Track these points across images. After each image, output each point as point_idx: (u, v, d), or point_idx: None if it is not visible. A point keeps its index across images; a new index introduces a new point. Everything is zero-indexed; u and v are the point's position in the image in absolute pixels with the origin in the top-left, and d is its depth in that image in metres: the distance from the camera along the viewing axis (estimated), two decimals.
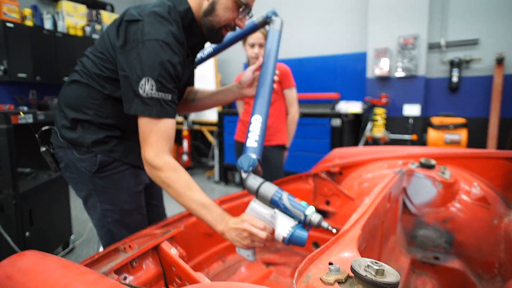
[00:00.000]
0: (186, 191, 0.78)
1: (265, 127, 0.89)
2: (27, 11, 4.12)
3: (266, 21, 1.14)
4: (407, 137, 3.41)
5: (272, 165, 1.94)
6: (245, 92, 1.09)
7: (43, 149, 0.96)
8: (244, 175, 0.78)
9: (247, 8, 0.89)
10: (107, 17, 5.15)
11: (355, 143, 3.71)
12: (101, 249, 1.66)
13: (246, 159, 0.79)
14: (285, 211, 0.72)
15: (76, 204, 3.28)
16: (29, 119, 1.55)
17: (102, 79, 0.88)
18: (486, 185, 1.17)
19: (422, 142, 3.32)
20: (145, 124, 0.80)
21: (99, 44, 0.90)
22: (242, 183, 1.32)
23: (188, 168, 4.79)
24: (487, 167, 1.20)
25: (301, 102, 4.18)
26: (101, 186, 0.94)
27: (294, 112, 2.00)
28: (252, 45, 1.81)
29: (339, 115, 3.28)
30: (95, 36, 4.87)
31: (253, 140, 0.84)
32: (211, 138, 4.53)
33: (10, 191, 1.44)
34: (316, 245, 1.30)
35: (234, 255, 1.23)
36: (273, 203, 0.74)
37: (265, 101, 0.93)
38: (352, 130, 3.66)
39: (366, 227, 0.55)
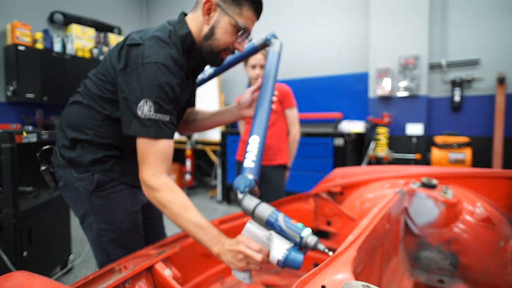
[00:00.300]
0: (183, 212, 0.78)
1: (262, 148, 0.89)
2: (39, 35, 4.29)
3: (265, 44, 1.16)
4: (410, 156, 3.39)
5: (273, 184, 1.94)
6: (244, 113, 1.10)
7: (43, 167, 0.97)
8: (240, 195, 0.77)
9: (246, 32, 0.91)
10: (114, 40, 5.34)
11: (358, 162, 3.69)
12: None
13: (243, 179, 0.78)
14: (281, 233, 0.71)
15: (76, 224, 3.25)
16: (33, 138, 1.57)
17: (102, 100, 0.90)
18: (490, 206, 1.14)
19: (426, 161, 3.29)
20: (143, 144, 0.81)
21: (102, 66, 0.93)
22: None
23: (191, 187, 4.77)
24: (491, 187, 1.18)
25: (304, 122, 4.23)
26: (97, 206, 0.94)
27: (295, 132, 2.02)
28: (254, 67, 1.85)
29: (341, 135, 3.28)
30: (102, 58, 5.03)
31: (250, 161, 0.84)
32: (214, 158, 4.53)
33: (10, 210, 1.44)
34: (317, 265, 1.27)
35: (233, 277, 1.20)
36: (269, 225, 0.73)
37: (263, 122, 0.93)
38: (355, 150, 3.65)
39: (362, 248, 0.54)
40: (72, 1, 4.97)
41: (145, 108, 0.78)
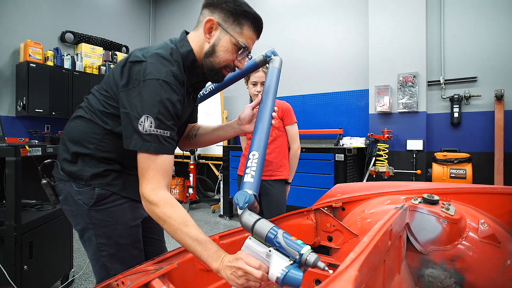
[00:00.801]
0: (182, 227, 0.76)
1: (262, 163, 0.88)
2: (50, 53, 4.44)
3: (266, 60, 1.18)
4: (411, 172, 3.37)
5: (274, 199, 1.94)
6: (244, 128, 1.11)
7: (44, 181, 0.98)
8: (239, 211, 0.76)
9: (246, 50, 0.94)
10: (122, 58, 5.49)
11: (359, 178, 3.67)
12: None
13: (242, 195, 0.76)
14: (281, 249, 0.69)
15: (78, 237, 3.24)
16: (38, 152, 1.60)
17: (104, 115, 0.91)
18: (494, 223, 1.12)
19: (426, 177, 3.27)
20: (143, 159, 0.81)
21: (105, 82, 0.94)
22: None
23: (194, 201, 4.75)
24: (494, 203, 1.17)
25: (306, 138, 4.26)
26: (97, 220, 0.93)
27: (296, 147, 2.04)
28: (255, 84, 1.88)
29: (343, 150, 3.29)
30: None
31: (249, 176, 0.83)
32: (217, 172, 4.54)
33: (12, 223, 1.44)
34: (319, 281, 1.24)
35: None
36: (268, 241, 0.71)
37: (263, 138, 0.92)
38: (356, 165, 3.64)
39: (364, 266, 0.53)
40: (82, 21, 5.16)
41: (146, 124, 0.79)
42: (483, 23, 3.22)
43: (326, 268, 0.65)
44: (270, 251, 0.71)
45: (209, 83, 1.15)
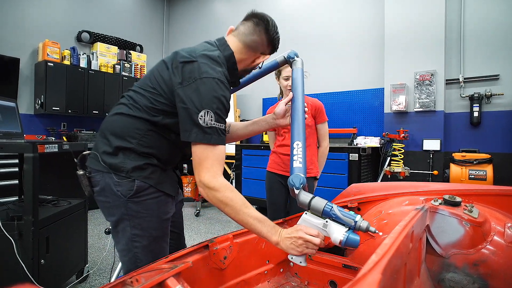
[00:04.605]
0: (243, 208, 0.86)
1: (305, 150, 1.02)
2: (66, 52, 4.55)
3: (286, 60, 1.28)
4: (427, 172, 3.27)
5: None
6: (279, 122, 1.22)
7: (81, 172, 1.00)
8: (296, 191, 0.89)
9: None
10: (136, 56, 5.56)
11: (374, 178, 3.60)
12: (113, 278, 1.63)
13: (297, 178, 0.90)
14: (337, 219, 0.83)
15: (93, 233, 3.31)
16: (54, 148, 1.63)
17: (153, 110, 0.97)
18: None
19: (444, 177, 3.17)
20: (201, 150, 0.89)
21: (149, 80, 1.00)
22: None
23: (206, 199, 4.78)
24: None
25: None
26: (134, 211, 0.97)
27: (326, 144, 2.13)
28: (287, 78, 1.95)
29: (357, 150, 3.23)
30: (124, 73, 5.24)
31: (298, 162, 0.96)
32: (229, 171, 4.54)
33: (29, 217, 1.48)
34: (333, 283, 1.21)
35: None
36: (325, 214, 0.85)
37: (301, 129, 1.05)
38: (371, 165, 3.57)
39: (387, 270, 0.51)
40: (98, 21, 5.26)
41: (207, 118, 0.87)
42: (507, 18, 3.09)
43: (377, 231, 0.81)
44: (326, 221, 0.85)
45: None
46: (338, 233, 0.82)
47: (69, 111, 4.53)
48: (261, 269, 1.28)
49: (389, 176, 3.32)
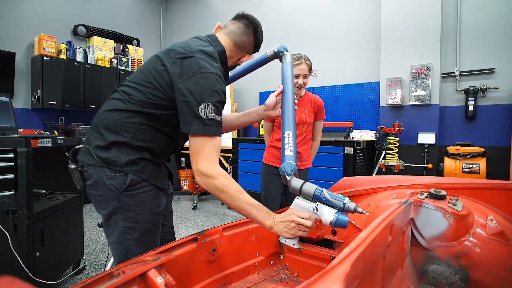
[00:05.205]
0: (238, 195, 0.91)
1: (295, 139, 1.07)
2: (63, 46, 4.52)
3: (276, 55, 1.31)
4: (422, 166, 3.29)
5: None
6: (270, 113, 1.27)
7: (73, 166, 1.01)
8: (288, 178, 0.95)
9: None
10: (133, 50, 5.53)
11: (369, 171, 3.62)
12: (108, 267, 1.65)
13: (288, 165, 0.96)
14: (327, 202, 0.89)
15: (89, 226, 3.34)
16: (48, 143, 1.64)
17: (149, 105, 1.00)
18: (505, 219, 1.09)
19: (438, 171, 3.19)
20: (200, 140, 0.93)
21: (144, 75, 1.02)
22: None
23: (203, 193, 4.81)
24: (506, 199, 1.13)
25: None
26: (126, 204, 0.99)
27: (319, 140, 2.26)
28: (297, 76, 1.97)
29: (352, 143, 3.24)
30: (121, 67, 5.22)
31: (289, 150, 1.02)
32: (226, 164, 4.56)
33: (24, 211, 1.49)
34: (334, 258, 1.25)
35: (235, 283, 1.19)
36: (315, 198, 0.90)
37: (292, 120, 1.10)
38: (366, 158, 3.59)
39: (358, 262, 0.52)
40: (94, 14, 5.22)
41: (207, 110, 0.91)
42: (503, 11, 3.07)
43: (364, 211, 0.87)
44: (317, 205, 0.90)
45: None
46: (328, 215, 0.88)
47: (66, 105, 4.52)
48: (251, 261, 1.30)
49: (384, 170, 3.34)
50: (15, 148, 1.50)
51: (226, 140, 4.48)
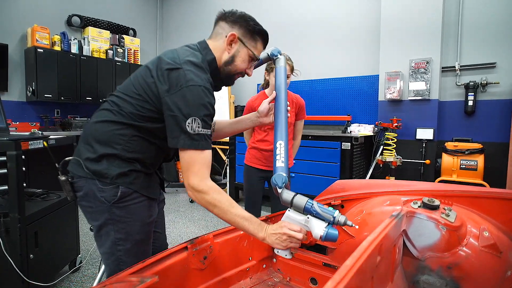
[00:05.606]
0: (230, 208, 0.92)
1: (287, 149, 1.05)
2: (57, 38, 4.43)
3: (269, 57, 1.28)
4: (419, 162, 3.28)
5: None
6: (263, 120, 1.27)
7: (63, 178, 1.01)
8: (279, 190, 0.95)
9: (257, 60, 1.11)
10: (129, 41, 5.43)
11: (366, 166, 3.61)
12: (96, 282, 1.66)
13: (279, 177, 0.96)
14: (317, 215, 0.90)
15: (85, 222, 3.35)
16: (39, 144, 1.62)
17: (138, 117, 0.98)
18: (498, 230, 1.07)
19: (435, 167, 3.17)
20: (189, 155, 0.92)
21: (134, 87, 1.00)
22: None
23: None
24: (500, 208, 1.11)
25: (313, 124, 4.18)
26: (118, 216, 0.99)
27: (299, 140, 2.22)
28: None
29: (349, 139, 3.22)
30: (117, 58, 5.14)
31: (280, 162, 1.01)
32: (224, 157, 4.56)
33: (16, 215, 1.49)
34: (314, 280, 1.24)
35: None
36: (306, 211, 0.91)
37: (284, 129, 1.10)
38: (363, 154, 3.57)
39: None
40: (89, 4, 5.09)
41: (194, 125, 0.90)
42: (507, 4, 2.98)
43: (353, 225, 0.89)
44: (308, 217, 0.91)
45: None
46: (318, 229, 0.88)
47: (62, 98, 4.47)
48: (243, 266, 1.30)
49: (381, 166, 3.33)
50: (4, 152, 1.47)
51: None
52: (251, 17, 1.08)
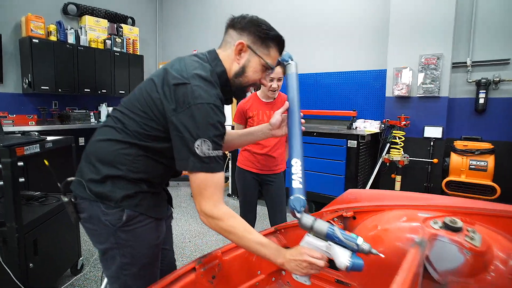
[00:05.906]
0: (246, 234, 0.88)
1: (304, 169, 0.97)
2: (52, 27, 4.27)
3: (280, 62, 1.16)
4: (427, 160, 3.21)
5: (277, 187, 2.10)
6: (275, 133, 1.17)
7: (65, 199, 0.96)
8: (298, 215, 0.89)
9: (272, 70, 1.02)
10: (127, 30, 5.27)
11: (372, 164, 3.55)
12: (105, 280, 1.61)
13: (297, 200, 0.89)
14: (339, 242, 0.84)
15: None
16: (36, 149, 1.54)
17: (144, 136, 0.92)
18: None
19: (443, 166, 3.10)
20: (200, 179, 0.86)
21: (138, 102, 0.92)
22: None
23: None
24: None
25: (318, 118, 4.09)
26: (123, 240, 0.94)
27: None
28: (272, 79, 1.89)
29: (356, 137, 3.14)
30: (116, 48, 4.99)
31: (298, 182, 0.93)
32: (227, 152, 4.50)
33: (13, 224, 1.42)
34: (339, 281, 1.22)
35: None
36: (328, 237, 0.86)
37: (299, 144, 1.00)
38: (370, 151, 3.51)
39: None
40: None
41: (204, 147, 0.84)
42: None
43: (378, 253, 0.84)
44: (329, 244, 0.86)
45: None
46: (343, 258, 0.84)
47: (59, 90, 4.35)
48: (252, 281, 1.26)
49: (387, 164, 3.26)
50: None
51: (227, 127, 4.36)
52: (263, 21, 0.97)
